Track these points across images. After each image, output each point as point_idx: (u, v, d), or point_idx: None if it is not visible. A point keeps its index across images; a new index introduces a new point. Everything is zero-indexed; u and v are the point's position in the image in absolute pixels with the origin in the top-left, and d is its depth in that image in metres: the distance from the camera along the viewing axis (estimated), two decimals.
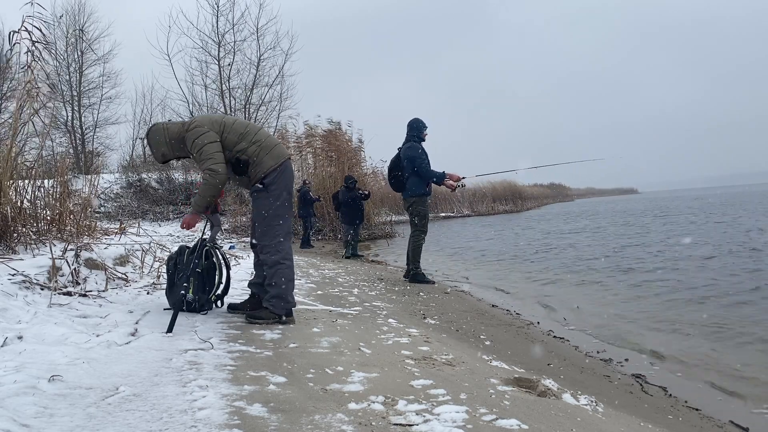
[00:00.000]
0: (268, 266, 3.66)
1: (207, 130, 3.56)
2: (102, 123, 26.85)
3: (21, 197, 4.73)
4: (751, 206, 24.95)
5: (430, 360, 2.94)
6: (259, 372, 2.46)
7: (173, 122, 3.87)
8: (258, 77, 24.08)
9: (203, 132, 3.56)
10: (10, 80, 16.61)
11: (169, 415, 1.88)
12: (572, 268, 9.04)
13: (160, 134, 3.69)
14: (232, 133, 3.61)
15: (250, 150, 3.60)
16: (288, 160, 3.77)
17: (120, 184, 21.01)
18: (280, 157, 3.68)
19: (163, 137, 3.68)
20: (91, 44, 25.64)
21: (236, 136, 3.62)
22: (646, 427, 2.61)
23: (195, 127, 3.60)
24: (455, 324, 4.72)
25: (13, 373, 2.16)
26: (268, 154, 3.63)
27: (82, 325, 3.07)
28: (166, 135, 3.68)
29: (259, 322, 3.57)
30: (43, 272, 3.75)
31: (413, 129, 7.07)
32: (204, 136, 3.54)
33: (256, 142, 3.63)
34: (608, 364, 4.01)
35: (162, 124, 3.78)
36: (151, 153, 3.86)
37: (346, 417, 1.95)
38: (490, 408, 2.15)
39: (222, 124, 3.64)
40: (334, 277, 7.07)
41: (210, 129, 3.57)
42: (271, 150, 3.66)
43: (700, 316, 5.27)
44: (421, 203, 6.97)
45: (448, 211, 34.58)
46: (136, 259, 5.16)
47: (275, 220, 3.66)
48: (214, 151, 3.52)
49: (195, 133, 3.57)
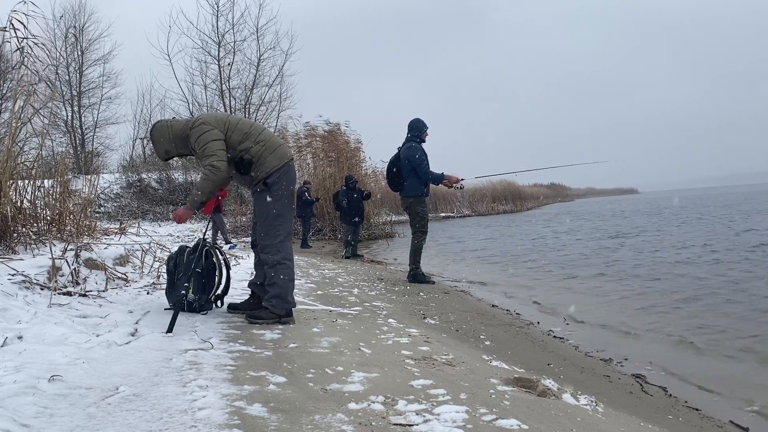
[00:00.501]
0: (269, 266, 3.65)
1: (211, 128, 3.56)
2: (102, 123, 26.92)
3: (21, 197, 4.73)
4: (748, 206, 24.97)
5: (430, 360, 2.94)
6: (259, 372, 2.45)
7: (177, 120, 3.86)
8: (258, 77, 24.14)
9: (207, 129, 3.56)
10: (10, 80, 16.61)
11: (169, 415, 1.88)
12: (572, 269, 9.04)
13: (164, 131, 3.69)
14: (236, 132, 3.61)
15: (253, 149, 3.60)
16: (291, 161, 3.76)
17: (120, 184, 21.02)
18: (283, 157, 3.67)
19: (167, 135, 3.69)
20: (91, 44, 25.69)
21: (240, 135, 3.61)
22: (646, 427, 2.61)
23: (200, 124, 3.60)
24: (455, 324, 4.72)
25: (13, 373, 2.16)
26: (272, 154, 3.63)
27: (82, 325, 3.07)
28: (170, 132, 3.68)
29: (259, 322, 3.57)
30: (43, 272, 3.75)
31: (413, 129, 7.02)
32: (208, 134, 3.54)
33: (260, 141, 3.63)
34: (608, 364, 4.01)
35: (166, 122, 3.78)
36: (154, 150, 3.86)
37: (346, 417, 1.95)
38: (490, 408, 2.15)
39: (227, 123, 3.63)
40: (334, 277, 7.07)
41: (215, 127, 3.57)
42: (275, 150, 3.65)
43: (698, 315, 5.28)
44: (419, 203, 6.94)
45: (447, 211, 34.57)
46: (136, 259, 5.16)
47: (277, 220, 3.65)
48: (217, 148, 3.52)
49: (199, 130, 3.57)
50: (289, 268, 3.67)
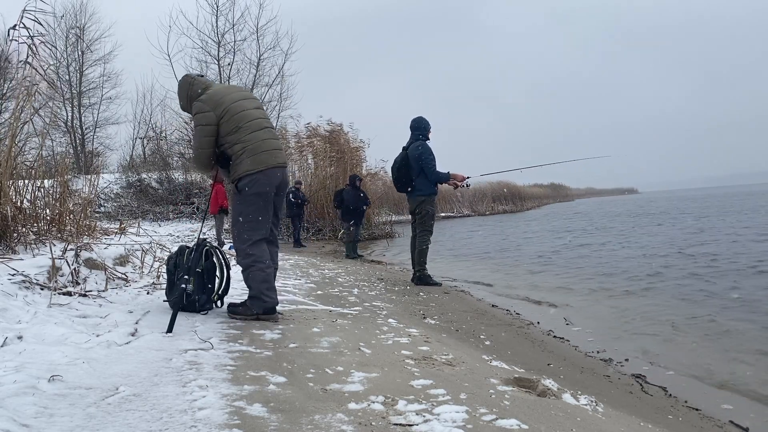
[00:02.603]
0: (242, 269, 3.71)
1: (208, 110, 3.56)
2: (102, 123, 26.95)
3: (21, 197, 4.73)
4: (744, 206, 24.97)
5: (430, 360, 2.94)
6: (259, 372, 2.45)
7: (199, 81, 3.77)
8: (258, 77, 24.14)
9: (204, 111, 3.56)
10: (10, 80, 16.61)
11: (169, 415, 1.88)
12: (572, 268, 9.04)
13: (184, 88, 3.74)
14: (230, 122, 3.57)
15: (235, 147, 3.57)
16: (274, 169, 3.63)
17: (120, 184, 21.02)
18: (262, 163, 3.56)
19: (186, 92, 3.73)
20: (92, 44, 25.70)
21: (232, 127, 3.57)
22: (646, 427, 2.60)
23: (200, 101, 3.61)
24: (455, 324, 4.72)
25: (13, 373, 2.16)
26: (250, 157, 3.55)
27: (82, 325, 3.06)
28: (189, 90, 3.72)
29: (237, 317, 3.63)
30: (43, 272, 3.75)
31: (418, 128, 6.92)
32: (199, 117, 3.58)
33: (244, 141, 3.56)
34: (608, 364, 4.01)
35: (191, 79, 3.78)
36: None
37: (346, 417, 1.95)
38: (490, 408, 2.15)
39: (226, 110, 3.57)
40: (334, 277, 7.07)
41: (212, 110, 3.56)
42: (256, 155, 3.56)
43: (698, 315, 5.27)
44: (430, 203, 6.86)
45: (448, 211, 34.58)
46: (136, 259, 5.15)
47: (246, 225, 3.64)
48: (202, 135, 3.58)
49: (196, 107, 3.60)
50: (262, 270, 3.63)
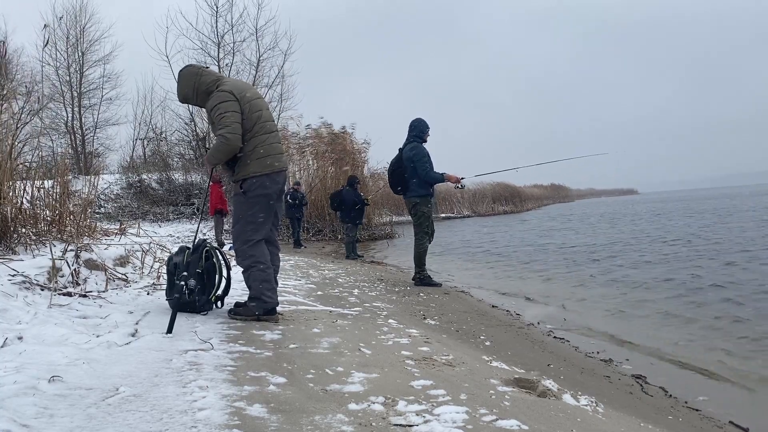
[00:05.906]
0: (242, 270, 3.71)
1: (233, 98, 3.55)
2: (102, 124, 26.90)
3: (21, 198, 4.72)
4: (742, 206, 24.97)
5: (430, 360, 2.94)
6: (259, 372, 2.45)
7: (208, 72, 3.77)
8: (257, 78, 24.07)
9: (229, 99, 3.54)
10: (11, 81, 16.62)
11: (169, 415, 1.88)
12: (571, 269, 9.04)
13: (191, 79, 3.69)
14: (249, 120, 3.59)
15: (246, 146, 3.59)
16: (279, 173, 3.69)
17: (120, 184, 21.01)
18: (267, 167, 3.61)
19: (192, 82, 3.68)
20: (92, 45, 25.69)
21: (249, 125, 3.59)
22: (646, 427, 2.60)
23: (224, 90, 3.58)
24: (455, 324, 4.72)
25: (13, 373, 2.16)
26: (259, 159, 3.59)
27: (82, 325, 3.06)
28: (197, 81, 3.68)
29: (238, 318, 3.63)
30: (43, 273, 3.75)
31: (415, 129, 6.94)
32: (228, 104, 3.53)
33: (255, 141, 3.59)
34: (608, 365, 4.01)
35: (198, 69, 3.76)
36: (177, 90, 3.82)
37: (346, 417, 1.95)
38: (490, 408, 2.15)
39: (248, 106, 3.59)
40: (334, 277, 7.07)
41: (236, 99, 3.56)
42: (262, 158, 3.60)
43: (701, 317, 5.27)
44: (425, 204, 6.85)
45: (448, 211, 34.58)
46: (136, 259, 5.15)
47: (248, 226, 3.66)
48: (233, 120, 3.51)
49: (221, 96, 3.56)
50: (262, 271, 3.64)
